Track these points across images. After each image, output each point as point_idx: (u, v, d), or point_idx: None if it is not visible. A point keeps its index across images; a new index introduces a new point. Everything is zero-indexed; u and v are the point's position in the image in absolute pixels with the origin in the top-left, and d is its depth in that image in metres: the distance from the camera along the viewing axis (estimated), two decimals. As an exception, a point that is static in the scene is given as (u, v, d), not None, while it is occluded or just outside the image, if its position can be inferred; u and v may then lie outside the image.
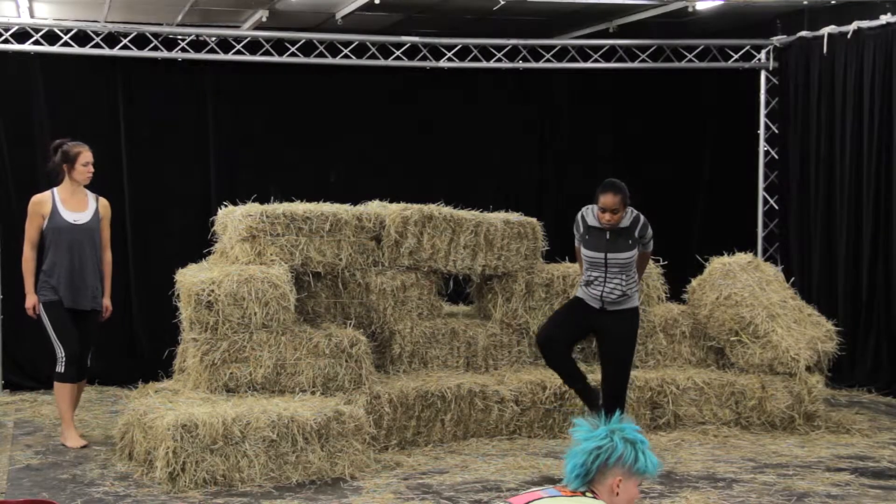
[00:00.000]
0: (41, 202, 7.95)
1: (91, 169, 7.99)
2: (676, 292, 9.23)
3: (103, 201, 8.09)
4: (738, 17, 11.26)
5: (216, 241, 8.34)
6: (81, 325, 7.91)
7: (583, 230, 7.33)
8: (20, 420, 8.89)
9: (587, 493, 3.61)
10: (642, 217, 7.28)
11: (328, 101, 10.97)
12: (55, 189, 7.98)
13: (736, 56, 11.38)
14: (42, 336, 9.84)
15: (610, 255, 7.19)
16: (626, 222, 7.20)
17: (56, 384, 7.88)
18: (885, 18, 9.95)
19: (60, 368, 7.80)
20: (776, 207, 11.38)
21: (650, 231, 7.35)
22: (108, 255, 8.06)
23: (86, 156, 7.95)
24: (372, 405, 7.75)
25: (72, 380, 7.87)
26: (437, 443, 8.05)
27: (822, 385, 8.69)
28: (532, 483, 7.02)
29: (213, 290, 7.47)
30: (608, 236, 7.21)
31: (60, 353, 7.79)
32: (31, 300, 7.93)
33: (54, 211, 7.89)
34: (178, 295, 7.72)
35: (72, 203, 7.92)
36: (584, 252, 7.34)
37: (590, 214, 7.30)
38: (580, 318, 7.42)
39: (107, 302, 8.05)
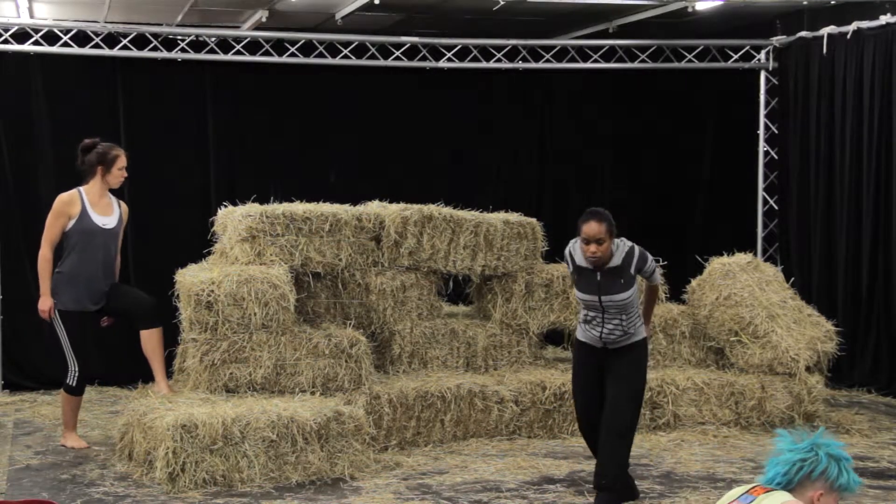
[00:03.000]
0: (70, 202, 7.73)
1: (125, 174, 7.86)
2: (676, 292, 9.23)
3: (124, 206, 8.00)
4: (738, 18, 11.25)
5: (216, 242, 8.34)
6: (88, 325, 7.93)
7: (572, 269, 6.54)
8: (20, 420, 8.89)
9: (779, 489, 3.69)
10: (637, 250, 6.39)
11: (328, 101, 10.97)
12: (82, 189, 7.80)
13: (736, 56, 11.37)
14: (42, 336, 9.89)
15: (605, 298, 6.36)
16: (617, 260, 6.32)
17: (64, 394, 7.86)
18: (884, 18, 9.95)
19: (72, 382, 7.76)
20: (776, 207, 11.38)
21: (651, 262, 6.46)
22: (119, 261, 8.00)
23: (122, 160, 7.82)
24: (372, 405, 7.76)
25: (81, 393, 7.86)
26: (437, 443, 8.05)
27: (821, 385, 8.69)
28: (531, 483, 7.02)
29: (212, 291, 7.47)
30: (599, 277, 6.35)
31: (74, 367, 7.73)
32: (47, 303, 7.68)
33: (84, 213, 7.71)
34: (178, 295, 7.71)
35: (100, 206, 7.78)
36: (577, 293, 6.55)
37: (577, 251, 6.45)
38: (593, 371, 6.59)
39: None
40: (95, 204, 7.76)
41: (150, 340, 7.79)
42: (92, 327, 8.02)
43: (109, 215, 7.81)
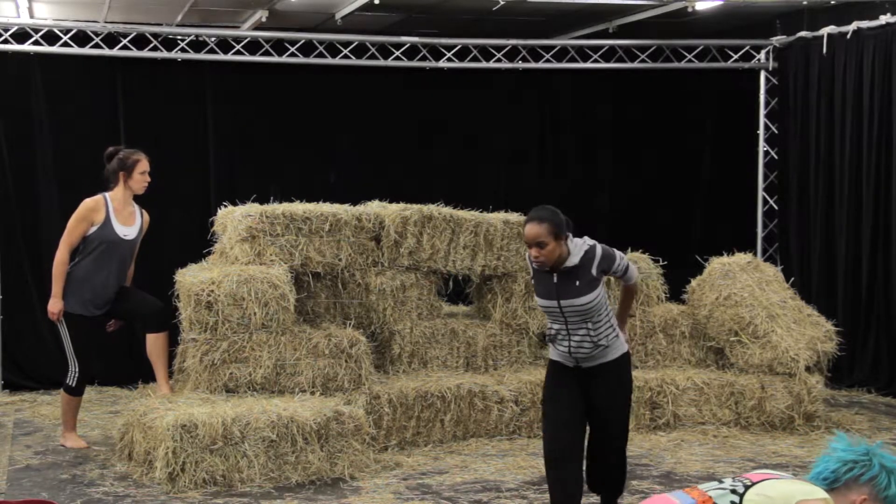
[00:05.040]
0: (95, 209, 7.70)
1: (148, 178, 7.84)
2: (676, 292, 9.23)
3: (146, 216, 7.98)
4: (738, 18, 11.25)
5: (216, 242, 8.34)
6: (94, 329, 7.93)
7: (531, 273, 5.93)
8: (20, 420, 8.89)
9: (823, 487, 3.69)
10: (599, 249, 5.71)
11: (328, 101, 10.97)
12: (107, 195, 7.78)
13: (736, 56, 11.38)
14: (42, 336, 9.90)
15: (563, 303, 5.66)
16: (574, 259, 5.64)
17: (64, 394, 7.87)
18: (884, 18, 9.95)
19: (72, 382, 7.77)
20: (776, 207, 11.38)
21: (620, 260, 5.78)
22: (132, 269, 8.00)
23: (143, 164, 7.81)
24: (372, 405, 7.76)
25: (81, 394, 7.87)
26: (437, 443, 8.05)
27: (821, 385, 8.69)
28: (531, 483, 7.02)
29: (212, 291, 7.47)
30: (556, 280, 5.69)
31: (74, 368, 7.73)
32: (58, 305, 7.65)
33: (107, 221, 7.70)
34: (178, 295, 7.72)
35: (123, 215, 7.77)
36: (537, 301, 5.91)
37: None
38: (568, 395, 5.78)
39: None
40: (119, 212, 7.76)
41: (156, 344, 7.80)
42: (97, 331, 8.01)
43: (131, 225, 7.82)
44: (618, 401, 5.80)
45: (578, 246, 5.70)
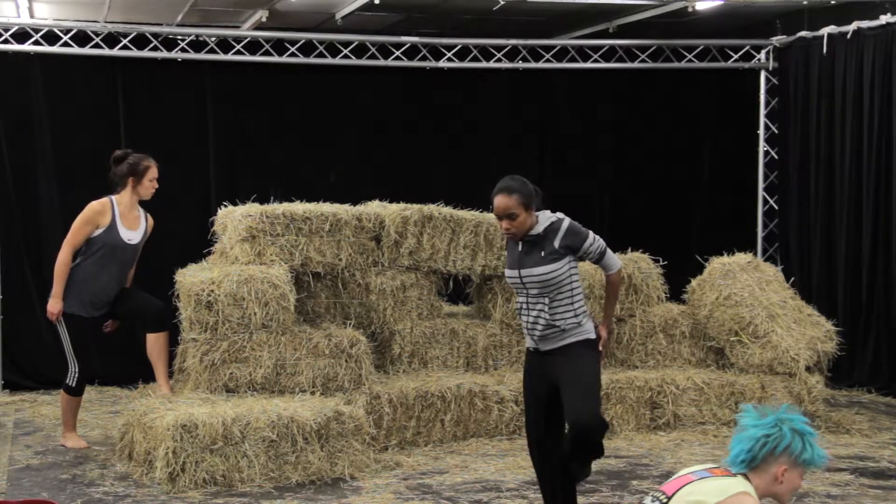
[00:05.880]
0: (102, 212, 7.68)
1: (156, 185, 7.84)
2: (676, 292, 9.23)
3: (151, 221, 7.97)
4: (738, 17, 11.26)
5: (216, 241, 8.34)
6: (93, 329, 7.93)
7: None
8: (20, 420, 8.89)
9: (739, 475, 3.71)
10: (566, 223, 5.53)
11: (328, 102, 10.97)
12: (114, 199, 7.77)
13: (736, 56, 11.38)
14: (42, 336, 9.89)
15: (524, 272, 5.49)
16: (539, 229, 5.50)
17: (64, 395, 7.87)
18: (884, 18, 9.95)
19: (71, 382, 7.77)
20: (776, 207, 11.38)
21: (592, 241, 5.54)
22: (133, 271, 8.00)
23: (154, 171, 7.81)
24: (372, 405, 7.76)
25: (81, 394, 7.87)
26: (437, 443, 8.05)
27: (821, 385, 8.69)
28: (531, 483, 7.02)
29: (212, 291, 7.47)
30: (521, 247, 5.56)
31: (74, 368, 7.73)
32: (58, 305, 7.64)
33: (112, 224, 7.69)
34: (178, 295, 7.72)
35: (129, 220, 7.76)
36: (505, 274, 5.75)
37: None
38: (535, 381, 5.64)
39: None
40: (125, 216, 7.75)
41: (157, 344, 7.80)
42: (95, 331, 8.01)
43: (136, 230, 7.81)
44: (576, 368, 5.42)
45: (546, 217, 5.55)
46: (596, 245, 5.55)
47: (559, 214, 5.58)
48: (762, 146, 11.44)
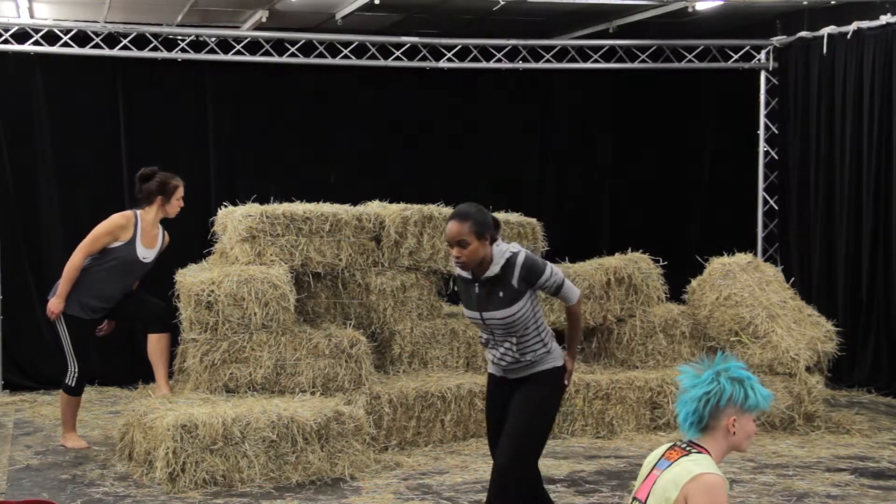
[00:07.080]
0: (125, 227, 7.66)
1: (182, 203, 7.85)
2: (676, 292, 9.23)
3: (167, 238, 7.94)
4: (738, 18, 11.26)
5: (216, 242, 8.34)
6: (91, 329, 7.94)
7: (457, 283, 5.53)
8: (20, 420, 8.89)
9: (691, 450, 3.79)
10: (522, 257, 5.19)
11: (328, 102, 10.97)
12: (139, 214, 7.74)
13: (736, 56, 11.38)
14: (42, 336, 9.90)
15: (486, 315, 5.24)
16: (495, 269, 5.18)
17: (64, 395, 7.87)
18: (884, 18, 9.95)
19: (71, 382, 7.77)
20: (776, 207, 11.38)
21: (551, 275, 5.22)
22: (137, 282, 8.01)
23: (181, 190, 7.81)
24: (372, 405, 7.76)
25: (80, 394, 7.88)
26: (437, 443, 8.05)
27: (821, 385, 8.69)
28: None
29: (212, 291, 7.47)
30: (477, 289, 5.26)
31: (74, 368, 7.73)
32: (59, 306, 7.62)
33: (132, 240, 7.67)
34: (178, 295, 7.72)
35: (148, 237, 7.74)
36: (463, 311, 5.52)
37: None
38: (499, 408, 5.39)
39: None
40: (146, 233, 7.73)
41: (158, 345, 7.80)
42: (93, 331, 8.03)
43: (152, 248, 7.80)
44: (527, 407, 5.22)
45: (501, 253, 5.20)
46: (553, 279, 5.24)
47: (514, 247, 5.26)
48: (762, 146, 11.44)
